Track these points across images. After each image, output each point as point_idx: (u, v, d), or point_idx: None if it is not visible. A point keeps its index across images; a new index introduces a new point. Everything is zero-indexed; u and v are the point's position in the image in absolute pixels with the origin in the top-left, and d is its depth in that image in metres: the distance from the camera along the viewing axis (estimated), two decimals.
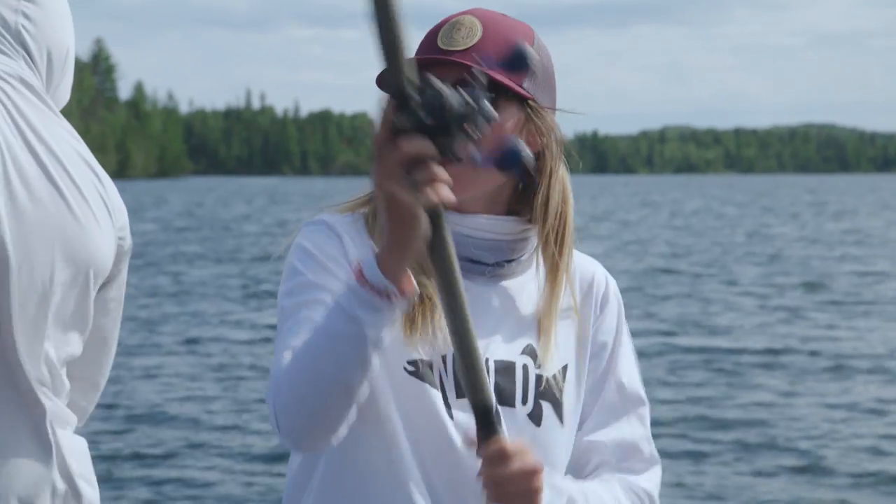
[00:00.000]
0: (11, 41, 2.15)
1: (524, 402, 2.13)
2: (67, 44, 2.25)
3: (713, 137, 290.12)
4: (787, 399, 12.96)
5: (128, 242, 2.22)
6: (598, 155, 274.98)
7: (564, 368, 2.18)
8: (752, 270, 27.81)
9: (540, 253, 2.19)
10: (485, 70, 1.86)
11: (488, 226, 2.14)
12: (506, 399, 2.11)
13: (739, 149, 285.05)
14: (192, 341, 16.98)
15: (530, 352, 2.15)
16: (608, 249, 32.47)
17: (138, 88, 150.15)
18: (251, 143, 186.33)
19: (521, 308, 2.17)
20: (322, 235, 2.14)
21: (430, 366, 2.09)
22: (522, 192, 2.18)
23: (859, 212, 62.62)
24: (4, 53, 2.14)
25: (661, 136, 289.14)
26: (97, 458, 5.09)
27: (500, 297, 2.17)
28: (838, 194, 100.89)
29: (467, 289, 1.85)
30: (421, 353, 2.09)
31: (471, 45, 2.09)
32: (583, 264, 2.26)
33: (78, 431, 2.16)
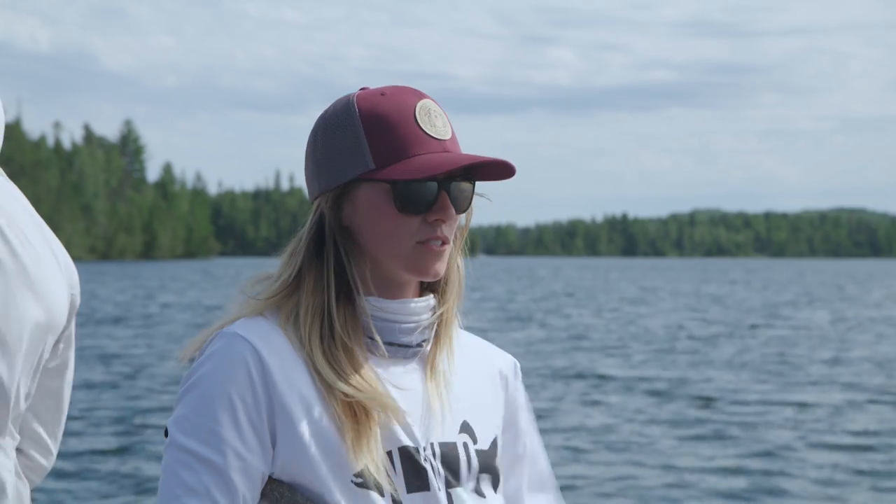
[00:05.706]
0: None
1: (469, 479, 2.14)
2: (3, 106, 2.24)
3: (743, 221, 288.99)
4: None
5: (77, 297, 2.19)
6: (627, 238, 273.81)
7: (495, 439, 2.21)
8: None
9: (444, 328, 2.19)
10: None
11: (417, 309, 2.14)
12: (453, 481, 2.12)
13: (770, 232, 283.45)
14: None
15: (467, 428, 2.17)
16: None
17: (167, 170, 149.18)
18: (279, 225, 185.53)
19: (446, 385, 2.17)
20: (242, 372, 2.03)
21: (377, 471, 2.04)
22: None
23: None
24: None
25: (691, 220, 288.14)
26: None
27: (427, 377, 2.16)
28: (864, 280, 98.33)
29: (394, 374, 2.07)
30: (366, 462, 2.04)
31: (451, 134, 2.12)
32: (484, 344, 2.31)
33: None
